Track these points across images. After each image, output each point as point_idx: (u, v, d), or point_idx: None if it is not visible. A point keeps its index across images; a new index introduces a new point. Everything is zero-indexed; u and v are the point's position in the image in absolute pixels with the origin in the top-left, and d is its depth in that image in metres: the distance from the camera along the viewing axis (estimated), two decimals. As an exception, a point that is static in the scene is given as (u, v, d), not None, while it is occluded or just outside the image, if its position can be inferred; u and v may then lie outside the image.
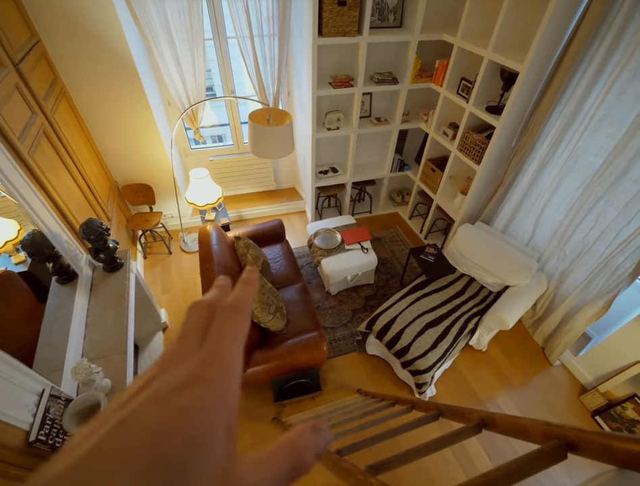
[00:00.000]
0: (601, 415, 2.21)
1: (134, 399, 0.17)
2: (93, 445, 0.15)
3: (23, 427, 1.18)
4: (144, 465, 0.15)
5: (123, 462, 0.15)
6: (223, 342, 0.20)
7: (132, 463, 0.15)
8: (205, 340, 0.20)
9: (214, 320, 0.21)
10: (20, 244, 1.59)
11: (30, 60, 1.84)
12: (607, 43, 1.80)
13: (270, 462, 0.19)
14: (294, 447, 0.20)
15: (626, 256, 1.97)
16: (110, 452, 0.15)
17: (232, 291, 0.23)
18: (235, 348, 0.20)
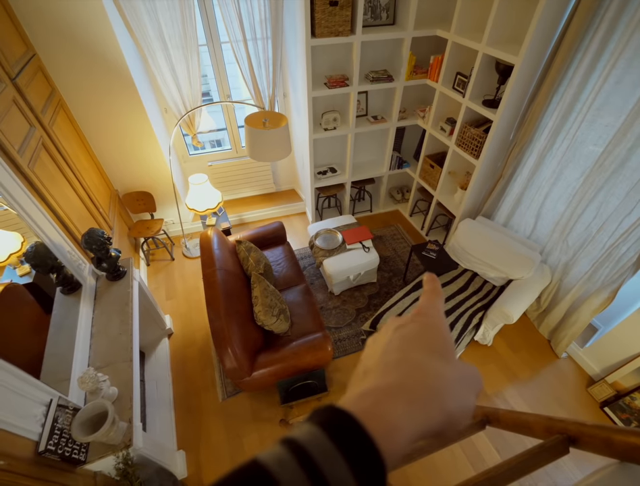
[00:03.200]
0: (610, 406, 2.19)
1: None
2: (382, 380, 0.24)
3: (33, 438, 1.20)
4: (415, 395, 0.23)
5: (405, 394, 0.23)
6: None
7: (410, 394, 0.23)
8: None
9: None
10: (24, 256, 1.61)
11: (27, 74, 1.87)
12: (602, 32, 1.79)
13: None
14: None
15: (630, 245, 1.95)
16: (396, 385, 0.23)
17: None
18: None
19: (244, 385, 1.96)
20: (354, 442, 0.19)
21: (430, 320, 0.29)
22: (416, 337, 0.27)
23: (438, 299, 0.31)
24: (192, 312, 2.86)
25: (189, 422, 2.20)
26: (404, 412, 0.21)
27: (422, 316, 0.29)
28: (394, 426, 0.21)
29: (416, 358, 0.25)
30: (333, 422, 0.19)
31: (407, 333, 0.27)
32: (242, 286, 2.25)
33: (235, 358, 1.79)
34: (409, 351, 0.26)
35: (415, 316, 0.29)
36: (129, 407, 1.53)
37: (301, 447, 0.18)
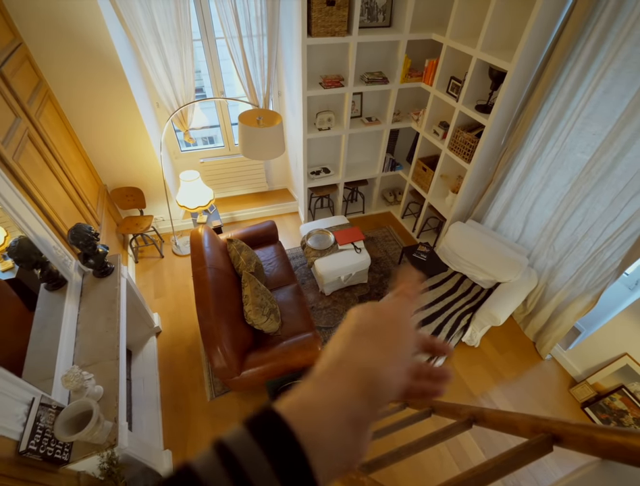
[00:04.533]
0: (591, 407, 2.26)
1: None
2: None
3: (13, 437, 1.16)
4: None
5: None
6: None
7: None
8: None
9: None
10: (7, 251, 1.56)
11: (13, 63, 1.81)
12: (593, 42, 1.84)
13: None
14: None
15: (613, 251, 2.01)
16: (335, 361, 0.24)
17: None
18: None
19: (233, 385, 1.94)
20: (276, 440, 0.18)
21: (394, 319, 0.28)
22: (369, 332, 0.26)
23: (412, 305, 0.31)
24: (181, 311, 2.82)
25: (176, 421, 2.17)
26: (331, 408, 0.21)
27: (386, 314, 0.28)
28: (321, 423, 0.20)
29: (358, 354, 0.25)
30: (260, 421, 0.20)
31: (363, 326, 0.26)
32: (232, 285, 2.23)
33: (225, 357, 1.77)
34: (354, 346, 0.25)
35: (379, 312, 0.28)
36: (115, 406, 1.50)
37: (226, 448, 0.18)
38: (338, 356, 0.24)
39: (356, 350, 0.24)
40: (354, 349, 0.24)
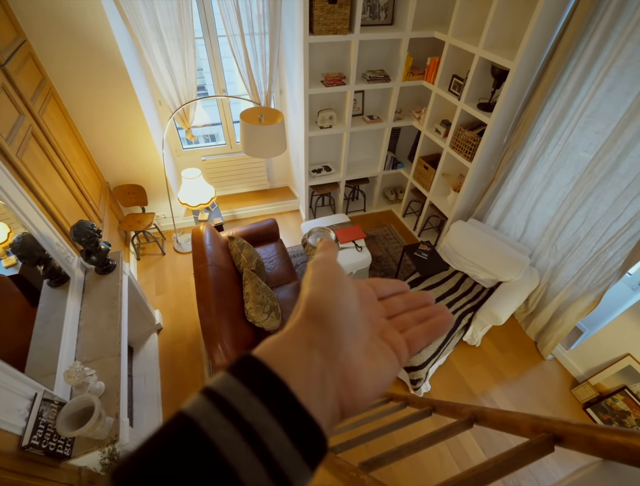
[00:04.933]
0: (593, 407, 2.25)
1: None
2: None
3: (16, 432, 1.17)
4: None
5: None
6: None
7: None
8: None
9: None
10: (10, 247, 1.57)
11: (17, 60, 1.81)
12: (596, 40, 1.82)
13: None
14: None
15: (616, 250, 2.00)
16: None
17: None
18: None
19: (234, 382, 1.94)
20: (255, 375, 0.20)
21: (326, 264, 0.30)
22: (310, 278, 0.29)
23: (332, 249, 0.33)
24: (182, 308, 2.83)
25: (177, 418, 2.18)
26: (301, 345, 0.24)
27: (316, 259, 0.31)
28: (286, 352, 0.23)
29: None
30: (238, 364, 0.21)
31: (307, 278, 0.29)
32: (233, 282, 2.23)
33: (226, 354, 1.77)
34: (304, 290, 0.28)
35: (314, 262, 0.30)
36: (116, 402, 1.50)
37: (213, 391, 0.19)
38: (298, 302, 0.28)
39: (304, 290, 0.27)
40: (303, 291, 0.28)
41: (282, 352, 0.23)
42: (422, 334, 0.31)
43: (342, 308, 0.26)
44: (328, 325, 0.25)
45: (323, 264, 0.29)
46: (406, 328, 0.31)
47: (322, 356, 0.24)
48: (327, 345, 0.24)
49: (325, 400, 0.23)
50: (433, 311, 0.33)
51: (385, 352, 0.29)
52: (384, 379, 0.27)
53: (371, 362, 0.27)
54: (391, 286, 0.35)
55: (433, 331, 0.31)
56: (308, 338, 0.24)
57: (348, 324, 0.26)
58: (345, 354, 0.25)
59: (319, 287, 0.27)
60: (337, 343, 0.25)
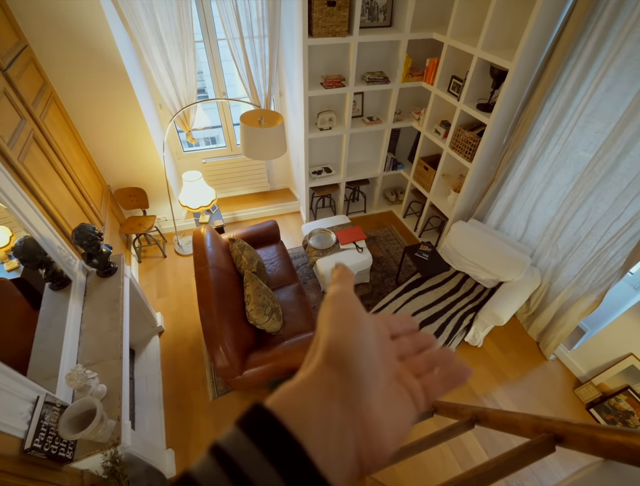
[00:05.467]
0: (596, 407, 2.24)
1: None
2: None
3: (18, 435, 1.18)
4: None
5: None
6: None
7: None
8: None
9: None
10: (12, 251, 1.57)
11: (18, 65, 1.83)
12: (594, 40, 1.83)
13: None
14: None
15: (617, 249, 2.00)
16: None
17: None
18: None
19: (235, 384, 1.95)
20: (266, 431, 0.19)
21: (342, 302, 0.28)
22: (330, 315, 0.27)
23: (349, 282, 0.30)
24: (184, 310, 2.83)
25: (178, 420, 2.18)
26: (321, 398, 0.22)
27: (335, 296, 0.28)
28: (304, 404, 0.21)
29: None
30: (249, 418, 0.19)
31: (324, 314, 0.27)
32: (234, 284, 2.24)
33: (227, 356, 1.78)
34: (322, 329, 0.26)
35: (331, 298, 0.28)
36: (118, 405, 1.51)
37: (221, 450, 0.18)
38: (314, 342, 0.26)
39: (322, 331, 0.25)
40: (321, 331, 0.25)
41: (299, 404, 0.21)
42: (440, 383, 0.28)
43: (365, 353, 0.24)
44: (350, 373, 0.23)
45: (342, 301, 0.27)
46: (421, 373, 0.29)
47: (342, 408, 0.21)
48: (347, 395, 0.22)
49: (344, 461, 0.20)
50: (444, 355, 0.31)
51: (403, 397, 0.26)
52: (403, 429, 0.25)
53: (390, 411, 0.25)
54: (401, 324, 0.32)
55: (451, 381, 0.29)
56: (329, 387, 0.22)
57: (370, 369, 0.24)
58: (366, 404, 0.23)
59: (340, 329, 0.24)
60: (359, 393, 0.23)
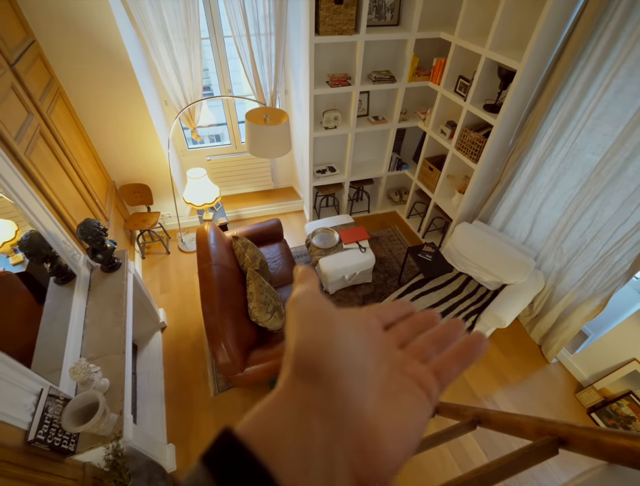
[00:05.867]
0: (597, 412, 2.22)
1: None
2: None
3: (22, 427, 1.19)
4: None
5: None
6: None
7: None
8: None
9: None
10: (18, 245, 1.59)
11: (26, 60, 1.84)
12: (605, 41, 1.80)
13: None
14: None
15: (623, 254, 1.98)
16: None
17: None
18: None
19: (236, 381, 1.95)
20: (241, 476, 0.16)
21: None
22: (292, 319, 0.23)
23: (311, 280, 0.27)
24: (186, 307, 2.84)
25: (180, 416, 2.19)
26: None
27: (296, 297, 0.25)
28: (276, 423, 0.18)
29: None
30: (213, 450, 0.17)
31: (288, 321, 0.23)
32: (237, 282, 2.24)
33: (229, 353, 1.78)
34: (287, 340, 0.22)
35: (293, 301, 0.24)
36: (121, 399, 1.52)
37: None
38: (285, 355, 0.22)
39: (289, 339, 0.22)
40: (288, 340, 0.22)
41: (269, 426, 0.18)
42: (453, 360, 0.25)
43: (341, 349, 0.20)
44: (324, 379, 0.19)
45: (305, 299, 0.23)
46: (428, 356, 0.25)
47: (324, 422, 0.18)
48: (327, 405, 0.19)
49: (334, 484, 0.17)
50: (451, 330, 0.27)
51: (410, 389, 0.22)
52: (414, 428, 0.21)
53: (393, 409, 0.21)
54: (393, 310, 0.28)
55: (466, 355, 0.25)
56: (303, 401, 0.19)
57: (353, 368, 0.20)
58: (356, 409, 0.19)
59: (306, 332, 0.21)
60: (342, 398, 0.19)
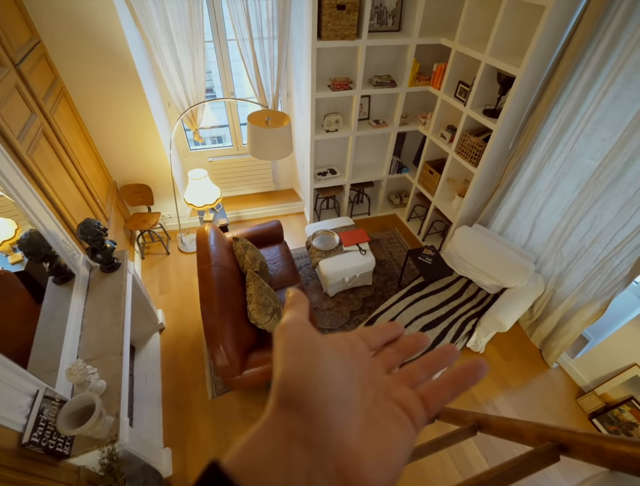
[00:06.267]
0: (599, 418, 2.21)
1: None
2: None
3: (17, 429, 1.17)
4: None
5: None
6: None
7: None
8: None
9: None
10: (17, 244, 1.58)
11: (31, 60, 1.85)
12: (603, 47, 1.82)
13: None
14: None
15: (622, 258, 1.98)
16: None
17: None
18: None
19: (235, 384, 1.94)
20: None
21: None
22: (278, 350, 0.23)
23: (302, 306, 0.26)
24: (185, 308, 2.83)
25: (177, 419, 2.17)
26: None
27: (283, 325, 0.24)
28: (260, 455, 0.18)
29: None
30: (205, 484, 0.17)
31: (275, 351, 0.23)
32: (236, 283, 2.24)
33: (227, 355, 1.77)
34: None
35: (280, 328, 0.24)
36: (117, 401, 1.50)
37: None
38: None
39: (275, 369, 0.22)
40: (274, 370, 0.22)
41: (254, 457, 0.18)
42: (445, 385, 0.24)
43: (325, 378, 0.21)
44: (307, 408, 0.20)
45: (292, 329, 0.23)
46: (417, 381, 0.25)
47: (306, 451, 0.19)
48: (310, 435, 0.19)
49: None
50: (444, 355, 0.27)
51: (393, 414, 0.22)
52: (397, 454, 0.21)
53: (376, 436, 0.21)
54: (381, 333, 0.28)
55: (461, 381, 0.24)
56: (286, 432, 0.19)
57: (337, 397, 0.21)
58: (338, 439, 0.20)
59: (290, 363, 0.21)
60: (325, 427, 0.20)
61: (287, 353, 0.21)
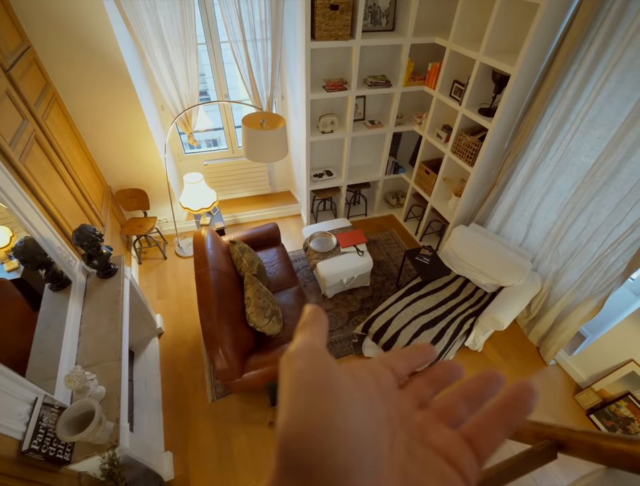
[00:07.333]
0: (596, 413, 2.23)
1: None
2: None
3: (16, 436, 1.17)
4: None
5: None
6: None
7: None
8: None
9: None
10: (12, 251, 1.57)
11: (21, 66, 1.84)
12: (596, 46, 1.83)
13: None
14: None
15: (618, 255, 1.99)
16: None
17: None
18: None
19: (234, 387, 1.94)
20: None
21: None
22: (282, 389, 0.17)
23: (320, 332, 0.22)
24: (183, 312, 2.83)
25: (177, 423, 2.17)
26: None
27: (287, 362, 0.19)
28: None
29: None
30: None
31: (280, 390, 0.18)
32: (234, 287, 2.23)
33: (226, 359, 1.77)
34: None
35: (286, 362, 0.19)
36: (117, 407, 1.50)
37: None
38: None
39: (279, 411, 0.17)
40: (278, 411, 0.17)
41: None
42: (494, 421, 0.18)
43: (344, 437, 0.15)
44: (321, 479, 0.14)
45: (302, 359, 0.18)
46: (458, 418, 0.20)
47: None
48: None
49: None
50: (487, 382, 0.22)
51: (436, 469, 0.17)
52: None
53: None
54: (409, 359, 0.23)
55: (512, 413, 0.18)
56: None
57: (361, 464, 0.15)
58: None
59: (299, 407, 0.15)
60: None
61: (294, 394, 0.16)
